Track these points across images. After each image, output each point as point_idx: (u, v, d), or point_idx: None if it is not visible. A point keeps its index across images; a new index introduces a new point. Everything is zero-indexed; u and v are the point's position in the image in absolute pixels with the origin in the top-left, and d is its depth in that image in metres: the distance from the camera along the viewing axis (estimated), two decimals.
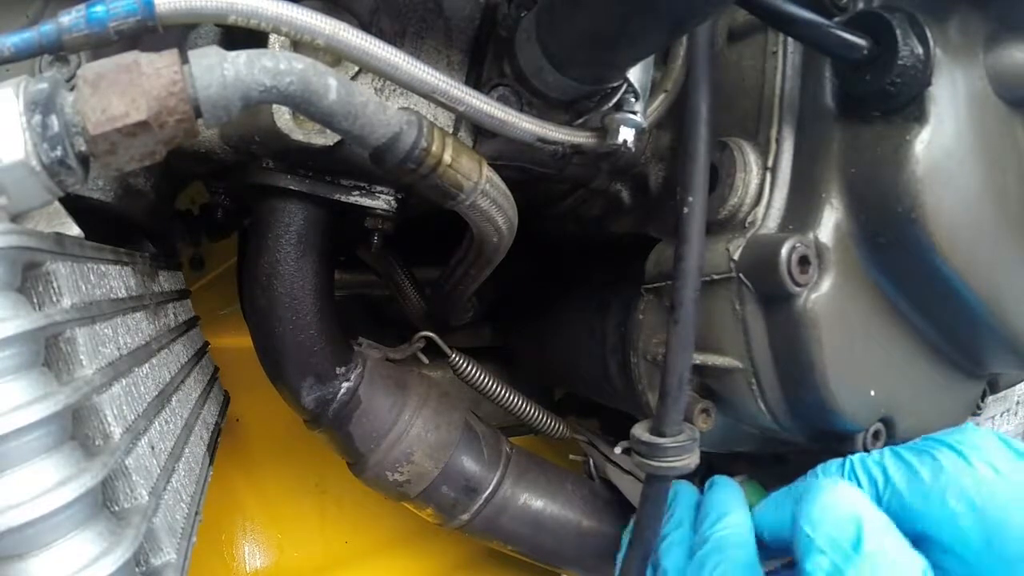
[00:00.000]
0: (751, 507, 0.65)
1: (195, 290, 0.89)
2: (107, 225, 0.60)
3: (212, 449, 0.71)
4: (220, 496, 0.92)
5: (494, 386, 0.82)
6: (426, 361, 0.80)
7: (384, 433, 0.71)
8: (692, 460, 0.58)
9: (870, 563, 0.44)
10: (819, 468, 0.59)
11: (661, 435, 0.57)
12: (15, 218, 0.39)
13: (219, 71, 0.39)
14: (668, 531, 0.63)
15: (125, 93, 0.37)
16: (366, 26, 0.59)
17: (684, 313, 0.56)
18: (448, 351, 0.80)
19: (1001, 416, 0.98)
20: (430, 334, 0.79)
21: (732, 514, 0.61)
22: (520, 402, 0.84)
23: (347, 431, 0.71)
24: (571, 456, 0.90)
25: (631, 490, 0.78)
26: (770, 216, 0.60)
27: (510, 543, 0.79)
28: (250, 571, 1.09)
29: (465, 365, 0.81)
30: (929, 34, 0.51)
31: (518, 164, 0.69)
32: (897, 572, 0.44)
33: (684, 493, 0.67)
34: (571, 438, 0.88)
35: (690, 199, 0.56)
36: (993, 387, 0.78)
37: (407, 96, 0.62)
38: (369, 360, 0.73)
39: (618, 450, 0.64)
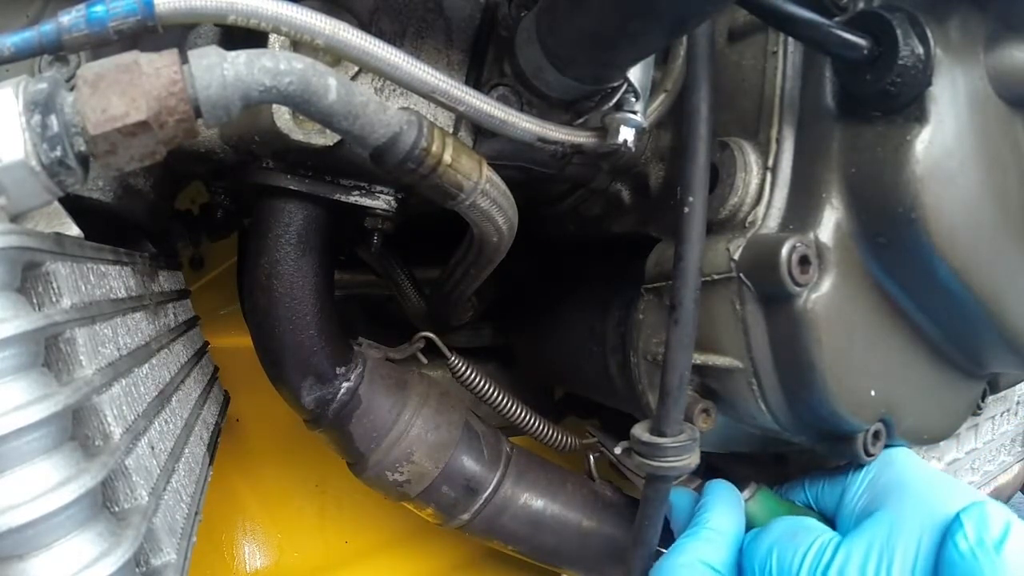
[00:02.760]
0: (765, 517, 0.65)
1: (195, 290, 0.89)
2: (107, 225, 0.60)
3: (212, 449, 0.71)
4: (220, 496, 0.92)
5: (491, 391, 0.82)
6: (426, 361, 0.80)
7: (384, 433, 0.71)
8: (692, 460, 0.58)
9: None
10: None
11: (661, 435, 0.57)
12: (15, 218, 0.39)
13: (219, 71, 0.39)
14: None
15: (125, 93, 0.37)
16: (366, 26, 0.59)
17: (684, 313, 0.56)
18: (448, 353, 0.80)
19: (1001, 416, 0.98)
20: (430, 335, 0.79)
21: (714, 518, 0.62)
22: (517, 409, 0.83)
23: (347, 431, 0.71)
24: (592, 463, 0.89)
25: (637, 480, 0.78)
26: (770, 216, 0.60)
27: (510, 543, 0.78)
28: (250, 571, 1.09)
29: (463, 369, 0.81)
30: (929, 34, 0.51)
31: (518, 164, 0.69)
32: None
33: (680, 505, 0.67)
34: (566, 448, 0.87)
35: (690, 199, 0.56)
36: (993, 387, 0.78)
37: (407, 96, 0.62)
38: (369, 360, 0.73)
39: (618, 450, 0.64)
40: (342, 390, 0.70)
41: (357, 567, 1.12)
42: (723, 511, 0.63)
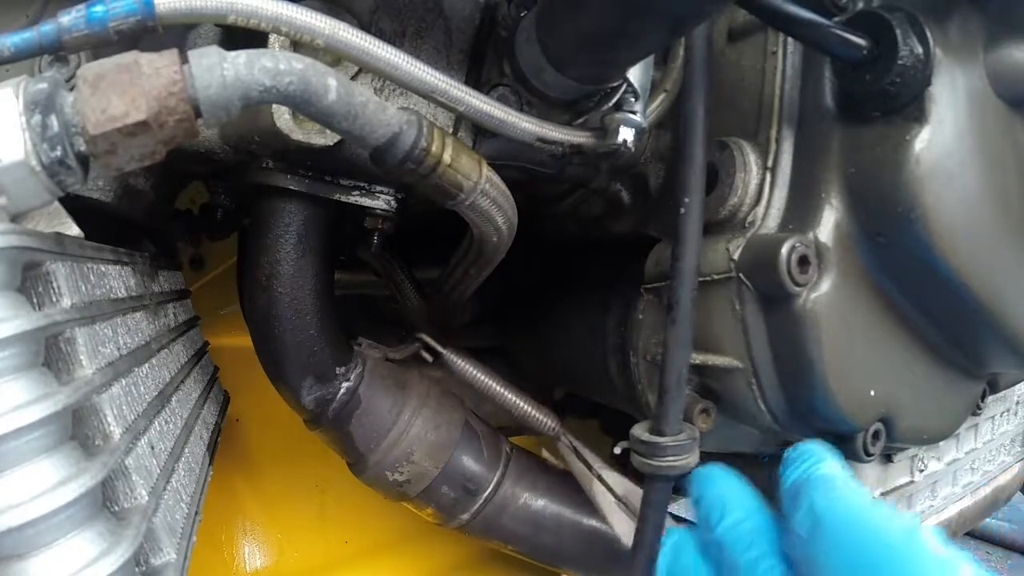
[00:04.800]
0: None
1: (195, 290, 0.89)
2: (107, 225, 0.60)
3: (212, 449, 0.71)
4: (220, 496, 0.91)
5: (486, 380, 0.82)
6: (430, 359, 0.80)
7: (384, 433, 0.71)
8: (692, 459, 0.58)
9: None
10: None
11: (660, 434, 0.57)
12: (15, 218, 0.39)
13: (219, 71, 0.39)
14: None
15: (125, 93, 0.37)
16: (366, 26, 0.59)
17: (682, 312, 0.56)
18: (440, 348, 0.80)
19: (1001, 416, 0.98)
20: (423, 336, 0.79)
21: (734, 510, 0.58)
22: (512, 398, 0.83)
23: (347, 431, 0.71)
24: (544, 452, 0.85)
25: (608, 508, 0.75)
26: (770, 216, 0.60)
27: (510, 543, 0.79)
28: (250, 571, 1.09)
29: (457, 362, 0.81)
30: (929, 34, 0.51)
31: (518, 164, 0.69)
32: None
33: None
34: (557, 437, 0.85)
35: (687, 199, 0.56)
36: (993, 387, 0.78)
37: (407, 96, 0.62)
38: (369, 360, 0.73)
39: (617, 450, 0.64)
40: (342, 390, 0.70)
41: (357, 567, 1.13)
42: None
